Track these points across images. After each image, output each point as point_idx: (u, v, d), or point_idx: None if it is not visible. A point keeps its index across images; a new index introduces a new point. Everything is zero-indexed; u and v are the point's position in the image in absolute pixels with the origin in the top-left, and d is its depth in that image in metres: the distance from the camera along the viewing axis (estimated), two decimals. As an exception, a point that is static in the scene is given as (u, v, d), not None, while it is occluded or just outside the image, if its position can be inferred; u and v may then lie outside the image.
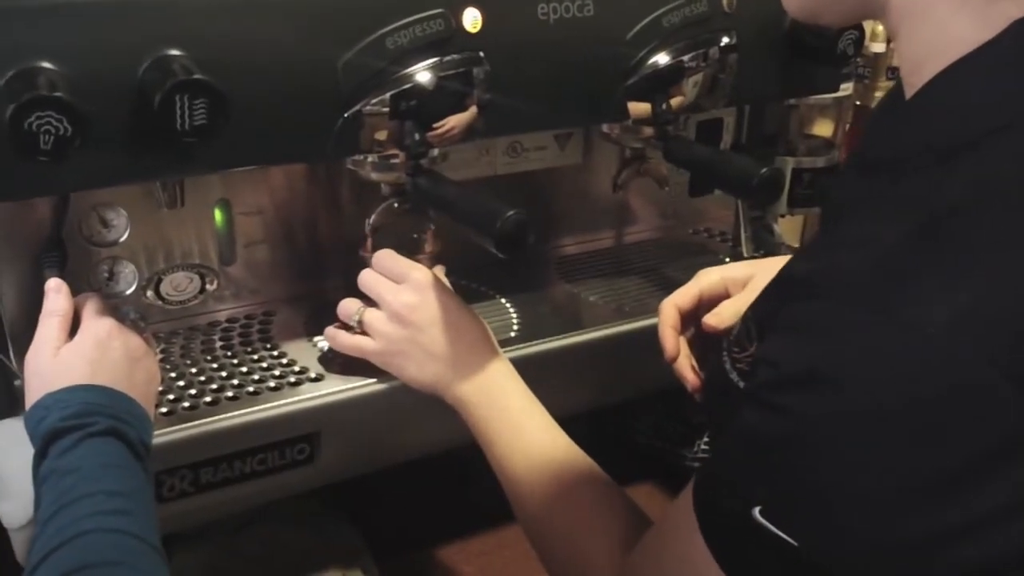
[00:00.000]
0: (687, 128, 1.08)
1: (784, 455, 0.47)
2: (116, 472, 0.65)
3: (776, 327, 0.51)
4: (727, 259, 1.12)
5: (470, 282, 1.01)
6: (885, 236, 0.47)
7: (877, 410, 0.44)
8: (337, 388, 0.83)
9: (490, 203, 0.77)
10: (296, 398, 0.81)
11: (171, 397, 0.81)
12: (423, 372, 0.80)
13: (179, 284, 0.92)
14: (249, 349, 0.89)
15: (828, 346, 0.46)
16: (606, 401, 1.00)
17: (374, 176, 0.88)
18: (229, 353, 0.88)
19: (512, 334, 0.93)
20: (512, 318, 0.96)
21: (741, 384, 0.60)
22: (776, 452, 0.47)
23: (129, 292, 0.90)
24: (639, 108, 0.94)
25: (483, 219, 0.76)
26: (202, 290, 0.93)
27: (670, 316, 0.82)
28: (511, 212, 0.75)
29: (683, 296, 0.83)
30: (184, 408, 0.80)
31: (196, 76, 0.68)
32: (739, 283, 0.83)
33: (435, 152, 0.87)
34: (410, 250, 0.93)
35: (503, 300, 1.00)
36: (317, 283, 0.99)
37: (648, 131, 0.99)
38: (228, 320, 0.94)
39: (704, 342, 0.83)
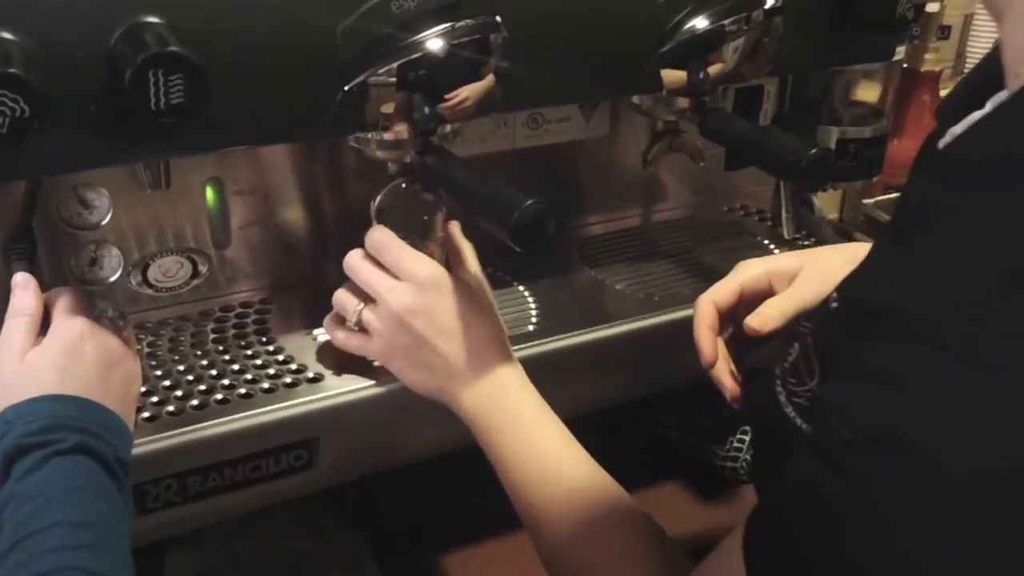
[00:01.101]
0: (725, 97, 0.98)
1: (860, 530, 0.39)
2: (84, 497, 0.58)
3: (845, 367, 0.43)
4: (766, 240, 1.03)
5: (485, 267, 0.93)
6: (986, 262, 0.39)
7: (977, 484, 0.36)
8: (337, 391, 0.76)
9: (506, 190, 0.69)
10: (292, 402, 0.74)
11: (155, 400, 0.74)
12: (427, 380, 0.73)
13: (169, 269, 0.85)
14: (243, 343, 0.82)
15: (914, 403, 0.38)
16: (630, 397, 0.93)
17: (379, 154, 0.79)
18: (221, 348, 0.81)
19: (530, 327, 0.85)
20: (531, 309, 0.89)
21: (798, 421, 0.52)
22: (850, 525, 0.39)
23: (114, 279, 0.83)
24: (673, 77, 0.85)
25: (498, 208, 0.68)
26: (194, 276, 0.86)
27: (707, 315, 0.74)
28: (529, 202, 0.67)
29: (721, 292, 0.75)
30: (169, 413, 0.73)
31: (171, 48, 0.60)
32: (785, 277, 0.74)
33: (447, 128, 0.79)
34: (420, 234, 0.86)
35: (521, 287, 0.92)
36: (318, 268, 0.91)
37: (683, 102, 0.90)
38: (222, 309, 0.86)
39: (743, 343, 0.75)
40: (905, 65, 1.36)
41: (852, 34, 0.92)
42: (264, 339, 0.82)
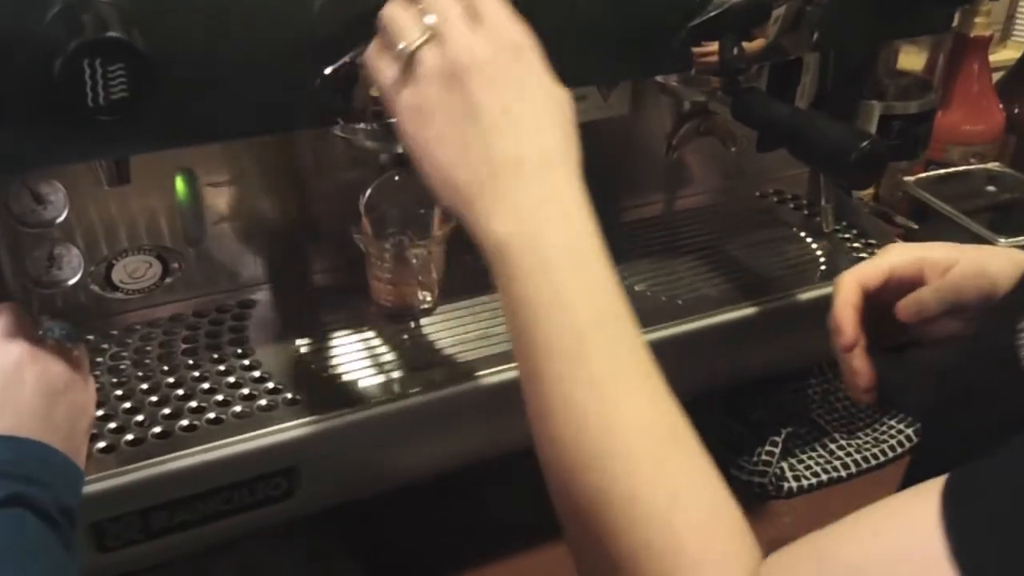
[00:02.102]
0: (759, 74, 0.88)
1: None
2: (14, 561, 0.50)
3: None
4: (802, 232, 0.93)
5: (490, 263, 0.84)
6: None
7: None
8: (317, 416, 0.67)
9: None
10: (268, 429, 0.66)
11: (113, 426, 0.66)
12: (455, 172, 0.51)
13: (135, 270, 0.76)
14: (216, 355, 0.73)
15: None
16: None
17: (369, 145, 0.70)
18: (191, 361, 0.72)
19: (539, 337, 0.76)
20: (540, 314, 0.79)
21: None
22: None
23: (75, 280, 0.75)
24: (703, 52, 0.74)
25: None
26: (164, 276, 0.77)
27: (852, 293, 0.67)
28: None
29: (869, 272, 0.68)
30: (127, 443, 0.64)
31: (110, 34, 0.50)
32: (938, 268, 0.67)
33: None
34: (415, 230, 0.77)
35: (529, 289, 0.82)
36: (301, 267, 0.82)
37: (713, 81, 0.80)
38: (195, 313, 0.78)
39: (880, 332, 0.68)
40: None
41: (906, 2, 0.81)
42: (240, 351, 0.74)
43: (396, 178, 0.73)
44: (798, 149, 0.76)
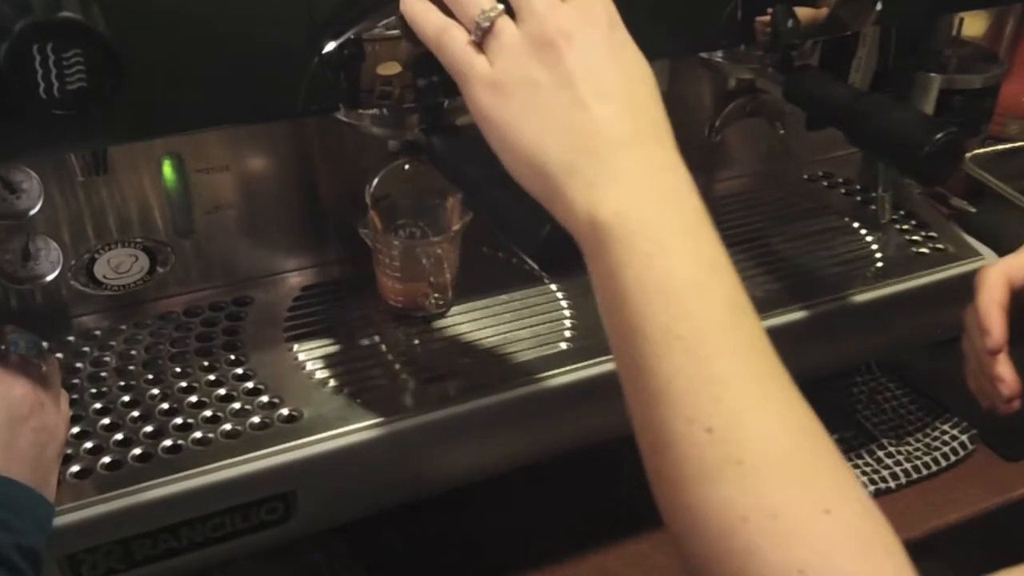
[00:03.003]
0: (814, 50, 0.79)
1: None
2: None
3: None
4: (855, 223, 0.85)
5: (509, 256, 0.77)
6: None
7: None
8: (318, 436, 0.60)
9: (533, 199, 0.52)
10: (261, 452, 0.59)
11: (89, 446, 0.59)
12: (542, 147, 0.46)
13: (120, 264, 0.70)
14: (206, 362, 0.66)
15: None
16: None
17: (376, 131, 0.62)
18: (179, 369, 0.65)
19: (563, 344, 0.69)
20: (564, 317, 0.72)
21: None
22: None
23: (53, 276, 0.68)
24: (755, 26, 0.66)
25: (520, 222, 0.51)
26: (151, 271, 0.70)
27: (998, 289, 0.61)
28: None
29: (1016, 266, 0.63)
30: (104, 467, 0.58)
31: (64, 14, 0.43)
32: None
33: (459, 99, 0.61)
34: (428, 224, 0.70)
35: (553, 288, 0.75)
36: (305, 260, 0.75)
37: (763, 57, 0.71)
38: (186, 311, 0.71)
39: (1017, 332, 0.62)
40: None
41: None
42: (233, 356, 0.67)
43: (406, 167, 0.66)
44: (860, 137, 0.68)
